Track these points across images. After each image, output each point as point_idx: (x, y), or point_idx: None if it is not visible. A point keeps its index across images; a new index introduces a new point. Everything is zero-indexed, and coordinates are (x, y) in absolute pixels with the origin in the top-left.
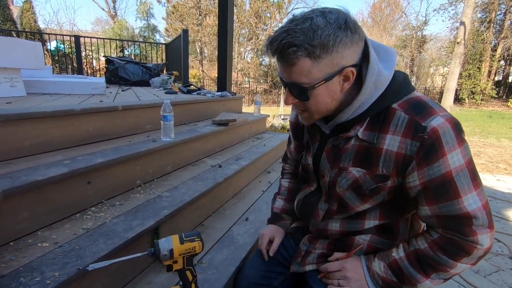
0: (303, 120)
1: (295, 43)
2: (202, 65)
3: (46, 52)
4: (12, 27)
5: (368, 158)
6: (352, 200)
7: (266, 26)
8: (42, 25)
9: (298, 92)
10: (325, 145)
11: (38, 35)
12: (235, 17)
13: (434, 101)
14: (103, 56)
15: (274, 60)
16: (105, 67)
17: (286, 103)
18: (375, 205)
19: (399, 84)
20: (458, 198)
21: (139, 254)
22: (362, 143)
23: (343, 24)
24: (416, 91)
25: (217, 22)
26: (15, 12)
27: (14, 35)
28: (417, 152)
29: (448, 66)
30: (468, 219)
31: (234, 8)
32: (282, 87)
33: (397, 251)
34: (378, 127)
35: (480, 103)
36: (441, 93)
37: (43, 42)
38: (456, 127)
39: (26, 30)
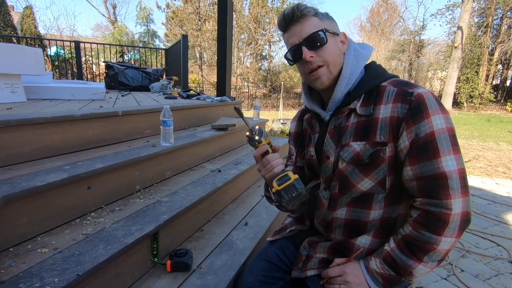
0: (320, 81)
1: (303, 4)
2: (201, 70)
3: (46, 58)
4: (12, 33)
5: (366, 131)
6: (354, 175)
7: (265, 31)
8: (42, 31)
9: (316, 39)
10: (326, 130)
11: (38, 41)
12: (234, 22)
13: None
14: (103, 62)
15: (286, 36)
16: (105, 72)
17: (305, 57)
18: (379, 190)
19: (383, 69)
20: (437, 158)
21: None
22: (361, 118)
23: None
24: (398, 77)
25: (216, 28)
26: (16, 18)
27: (15, 41)
28: (407, 113)
29: (446, 70)
30: (444, 179)
31: (233, 13)
32: (281, 91)
33: (388, 244)
34: (372, 102)
35: (479, 107)
36: (439, 97)
37: (43, 48)
38: (437, 99)
39: (27, 36)
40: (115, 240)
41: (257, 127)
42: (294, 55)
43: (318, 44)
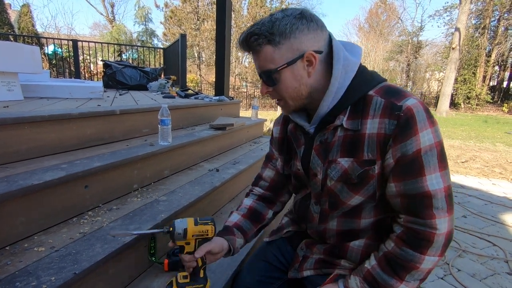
0: (283, 110)
1: (255, 32)
2: (200, 70)
3: (43, 56)
4: (9, 31)
5: (354, 146)
6: (344, 193)
7: None
8: (40, 29)
9: (267, 78)
10: (312, 145)
11: (35, 39)
12: (232, 22)
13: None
14: (101, 60)
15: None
16: (103, 71)
17: (261, 93)
18: (369, 202)
19: (370, 74)
20: (423, 176)
21: (156, 230)
22: (347, 132)
23: (298, 14)
24: (389, 82)
25: (215, 27)
26: (13, 16)
27: (12, 39)
28: (394, 130)
29: (444, 71)
30: (428, 198)
31: (232, 13)
32: None
33: (369, 261)
34: (359, 114)
35: (476, 108)
36: (437, 98)
37: (41, 46)
38: (427, 109)
39: (24, 34)
40: (112, 239)
41: (171, 228)
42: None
43: (269, 84)
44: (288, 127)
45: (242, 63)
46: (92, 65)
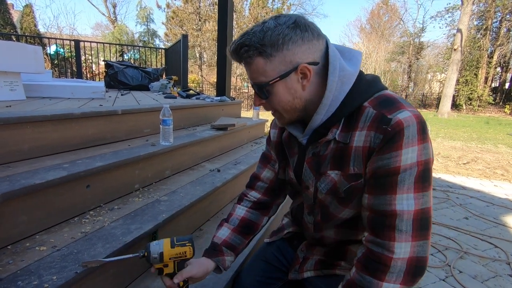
0: (278, 121)
1: (246, 43)
2: (201, 70)
3: (45, 56)
4: (12, 31)
5: (342, 159)
6: (333, 205)
7: None
8: (42, 29)
9: (259, 91)
10: (305, 156)
11: (38, 39)
12: (234, 22)
13: (404, 99)
14: (103, 61)
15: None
16: (105, 71)
17: (254, 104)
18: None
19: (368, 83)
20: (393, 194)
21: (130, 255)
22: (339, 145)
23: (291, 24)
24: (388, 90)
25: (216, 28)
26: (16, 16)
27: (14, 39)
28: (379, 143)
29: (446, 73)
30: (392, 218)
31: (234, 14)
32: None
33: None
34: (351, 127)
35: (477, 109)
36: (438, 99)
37: (43, 46)
38: (422, 125)
39: (26, 34)
40: (114, 238)
41: (146, 253)
42: None
43: (263, 96)
44: (283, 133)
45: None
46: (94, 65)
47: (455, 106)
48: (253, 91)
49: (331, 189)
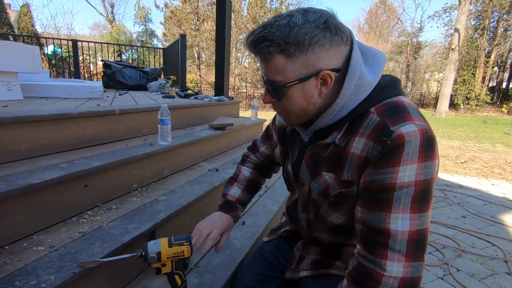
0: (284, 121)
1: (268, 37)
2: (199, 70)
3: (43, 56)
4: (9, 31)
5: (337, 162)
6: (324, 207)
7: None
8: (39, 29)
9: (272, 90)
10: (305, 153)
11: (35, 39)
12: (232, 22)
13: (417, 109)
14: (101, 60)
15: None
16: (103, 71)
17: (264, 101)
18: (353, 223)
19: (381, 88)
20: (387, 212)
21: (128, 255)
22: (337, 148)
23: (322, 24)
24: (403, 96)
25: (214, 28)
26: (13, 16)
27: (11, 39)
28: (376, 155)
29: (443, 72)
30: (386, 236)
31: (232, 13)
32: None
33: None
34: (352, 131)
35: (475, 109)
36: (436, 99)
37: (41, 46)
38: (427, 141)
39: (24, 34)
40: (111, 238)
41: (144, 252)
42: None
43: (274, 96)
44: (287, 129)
45: (241, 64)
46: (91, 65)
47: (453, 105)
48: (264, 87)
49: (323, 190)
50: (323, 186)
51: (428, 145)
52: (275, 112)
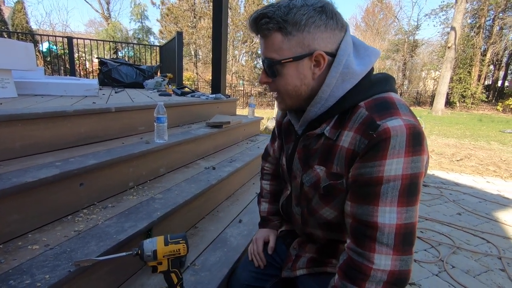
0: (278, 105)
1: (268, 15)
2: (196, 68)
3: (38, 53)
4: (3, 27)
5: (328, 156)
6: (315, 200)
7: None
8: (34, 26)
9: (268, 68)
10: (297, 145)
11: (30, 36)
12: (229, 20)
13: (406, 105)
14: (96, 58)
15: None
16: (98, 68)
17: (260, 81)
18: (343, 219)
19: (372, 83)
20: (375, 206)
21: (123, 254)
22: (328, 141)
23: (319, 7)
24: (394, 93)
25: (211, 25)
26: (7, 12)
27: (6, 36)
28: (363, 149)
29: (439, 70)
30: (374, 230)
31: (229, 11)
32: None
33: None
34: (342, 125)
35: (471, 107)
36: (432, 97)
37: (35, 43)
38: (413, 136)
39: (18, 31)
40: (107, 236)
41: (139, 251)
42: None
43: (270, 74)
44: (284, 119)
45: (239, 61)
46: (87, 63)
47: (449, 103)
48: (262, 67)
49: (314, 183)
50: (314, 179)
51: (415, 140)
52: (273, 111)
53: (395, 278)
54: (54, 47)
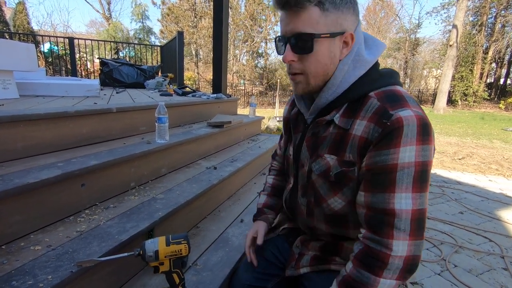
0: (296, 87)
1: None
2: (197, 67)
3: (39, 54)
4: (4, 28)
5: (340, 145)
6: (324, 189)
7: (262, 28)
8: (35, 27)
9: (303, 43)
10: (306, 134)
11: (31, 37)
12: (230, 19)
13: (413, 98)
14: (98, 58)
15: (278, 15)
16: (100, 69)
17: (285, 59)
18: (351, 210)
19: (380, 75)
20: (391, 192)
21: (125, 254)
22: (339, 130)
23: None
24: (400, 86)
25: (212, 25)
26: (8, 13)
27: (7, 37)
28: (377, 137)
29: (441, 69)
30: (391, 216)
31: (229, 10)
32: (277, 89)
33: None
34: (353, 114)
35: (473, 105)
36: (434, 95)
37: (37, 44)
38: (423, 126)
39: (19, 31)
40: (109, 237)
41: (141, 251)
42: (278, 47)
43: (303, 49)
44: (292, 112)
45: (240, 61)
46: (88, 63)
47: (450, 102)
48: (287, 45)
49: (324, 171)
50: (324, 168)
51: (424, 130)
52: (274, 111)
53: (409, 264)
54: (56, 47)
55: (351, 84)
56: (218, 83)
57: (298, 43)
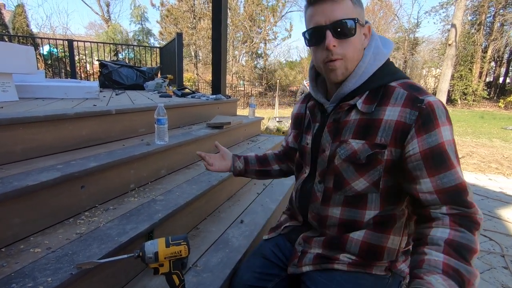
0: (335, 72)
1: None
2: (196, 69)
3: (38, 57)
4: (4, 31)
5: (367, 130)
6: (349, 172)
7: (261, 29)
8: (34, 29)
9: (345, 28)
10: (326, 123)
11: (30, 39)
12: (229, 20)
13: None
14: (97, 60)
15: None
16: (99, 71)
17: (329, 45)
18: (373, 191)
19: (396, 68)
20: (453, 168)
21: (125, 256)
22: (363, 116)
23: None
24: (410, 79)
25: (211, 26)
26: (7, 16)
27: (6, 40)
28: (416, 120)
29: (440, 68)
30: (463, 188)
31: (228, 11)
32: (277, 90)
33: (430, 254)
34: (377, 100)
35: (472, 104)
36: (433, 94)
37: (36, 47)
38: (446, 109)
39: (19, 34)
40: (109, 239)
41: (141, 253)
42: (314, 37)
43: (346, 34)
44: (308, 104)
45: (239, 62)
46: (88, 65)
47: (450, 101)
48: (327, 32)
49: (350, 155)
50: (349, 152)
51: (447, 113)
52: (274, 112)
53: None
54: (55, 50)
55: (371, 75)
56: (217, 84)
57: (339, 29)
